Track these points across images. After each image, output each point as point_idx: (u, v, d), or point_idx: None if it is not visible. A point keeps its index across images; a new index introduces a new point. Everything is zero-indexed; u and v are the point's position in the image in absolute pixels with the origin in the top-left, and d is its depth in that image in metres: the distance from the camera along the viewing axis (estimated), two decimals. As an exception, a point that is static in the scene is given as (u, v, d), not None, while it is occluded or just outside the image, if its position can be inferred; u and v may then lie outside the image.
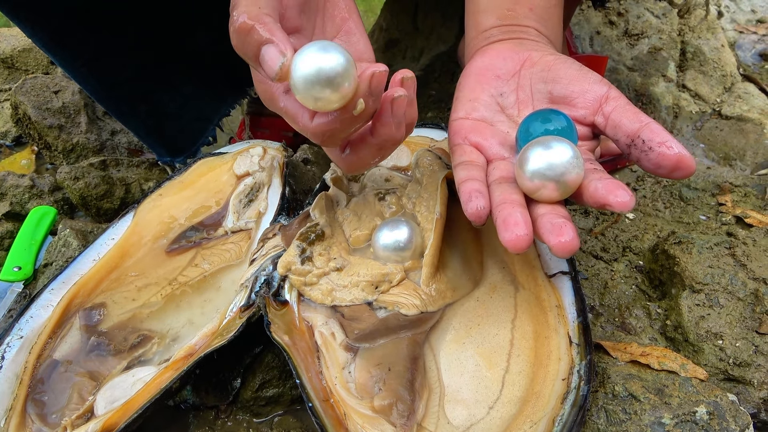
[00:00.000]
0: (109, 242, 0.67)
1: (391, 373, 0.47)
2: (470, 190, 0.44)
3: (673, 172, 0.40)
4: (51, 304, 0.60)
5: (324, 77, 0.38)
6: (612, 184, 0.40)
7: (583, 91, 0.46)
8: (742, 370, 0.50)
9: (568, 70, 0.47)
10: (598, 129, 0.46)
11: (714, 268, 0.56)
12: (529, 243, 0.40)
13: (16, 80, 1.13)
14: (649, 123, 0.42)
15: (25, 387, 0.53)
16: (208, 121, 0.89)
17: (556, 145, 0.41)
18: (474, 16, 0.55)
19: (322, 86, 0.39)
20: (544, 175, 0.41)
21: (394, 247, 0.53)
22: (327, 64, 0.38)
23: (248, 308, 0.52)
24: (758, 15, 1.24)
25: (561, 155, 0.41)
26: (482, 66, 0.51)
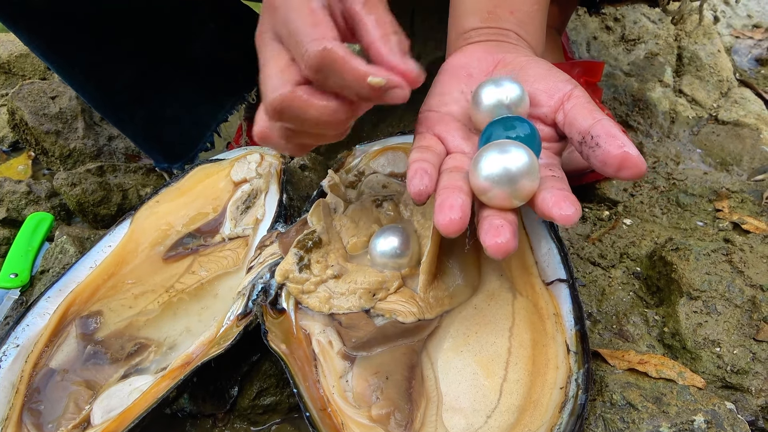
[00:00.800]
0: (106, 249, 0.66)
1: (389, 381, 0.46)
2: (417, 168, 0.44)
3: (619, 171, 0.38)
4: (47, 312, 0.59)
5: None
6: (560, 195, 0.39)
7: (547, 89, 0.45)
8: (739, 377, 0.50)
9: (537, 69, 0.47)
10: (559, 128, 0.45)
11: (711, 275, 0.56)
12: (462, 228, 0.39)
13: (13, 85, 1.12)
14: (601, 119, 0.41)
15: (21, 396, 0.53)
16: (206, 127, 0.89)
17: (513, 150, 0.40)
18: (456, 18, 0.55)
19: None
20: (495, 180, 0.40)
21: (391, 254, 0.53)
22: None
23: (245, 316, 0.52)
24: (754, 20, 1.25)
25: (516, 161, 0.40)
26: (457, 64, 0.52)
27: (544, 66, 0.47)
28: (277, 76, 0.42)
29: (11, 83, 1.15)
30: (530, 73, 0.47)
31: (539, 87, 0.46)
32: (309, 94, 0.42)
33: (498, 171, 0.40)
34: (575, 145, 0.42)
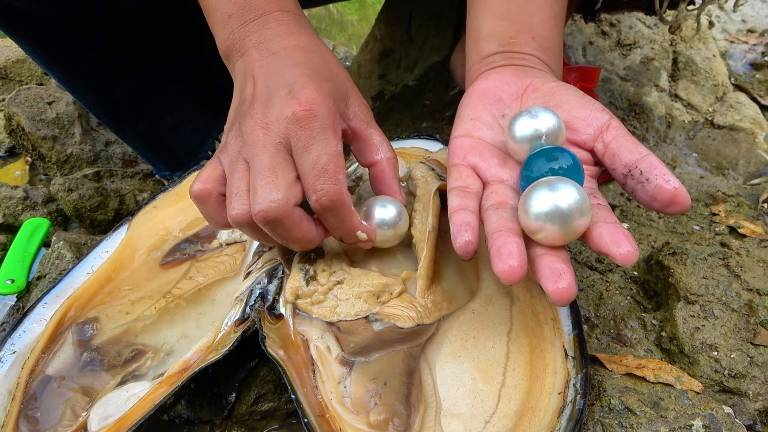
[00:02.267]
0: (103, 255, 0.66)
1: (387, 387, 0.46)
2: (461, 222, 0.44)
3: (668, 207, 0.40)
4: (44, 318, 0.59)
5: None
6: (617, 233, 0.39)
7: (586, 117, 0.46)
8: (737, 381, 0.50)
9: (571, 96, 0.47)
10: (596, 156, 0.46)
11: (708, 279, 0.57)
12: (523, 275, 0.39)
13: (9, 91, 1.12)
14: (648, 155, 0.41)
15: (17, 403, 0.53)
16: (207, 135, 0.89)
17: (562, 188, 0.39)
18: (475, 43, 0.55)
19: None
20: (548, 218, 0.39)
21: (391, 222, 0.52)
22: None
23: (243, 322, 0.52)
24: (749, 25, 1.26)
25: (567, 198, 0.39)
26: (485, 88, 0.52)
27: (576, 93, 0.48)
28: (283, 189, 0.45)
29: (8, 88, 1.15)
30: (564, 101, 0.47)
31: (576, 115, 0.46)
32: (302, 217, 0.47)
33: (549, 209, 0.39)
34: (618, 177, 0.43)
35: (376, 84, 1.11)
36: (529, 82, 0.50)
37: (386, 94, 1.08)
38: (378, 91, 1.09)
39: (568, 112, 0.46)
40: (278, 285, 0.55)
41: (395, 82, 1.09)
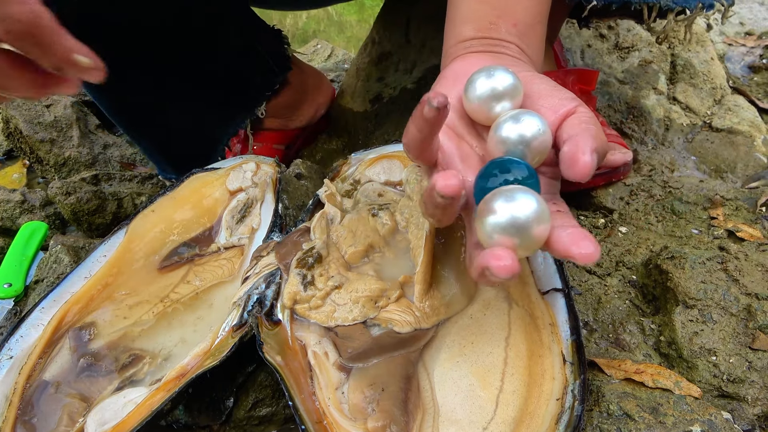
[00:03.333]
0: (101, 259, 0.66)
1: (385, 393, 0.46)
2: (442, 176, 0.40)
3: (569, 169, 0.38)
4: (41, 323, 0.59)
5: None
6: (576, 234, 0.37)
7: (552, 105, 0.44)
8: (736, 386, 0.50)
9: (542, 85, 0.46)
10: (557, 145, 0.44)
11: (707, 284, 0.56)
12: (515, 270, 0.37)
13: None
14: (588, 128, 0.40)
15: (14, 409, 0.52)
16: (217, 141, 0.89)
17: (520, 197, 0.38)
18: (454, 25, 0.54)
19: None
20: (506, 230, 0.37)
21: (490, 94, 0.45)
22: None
23: (241, 327, 0.52)
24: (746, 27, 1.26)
25: (525, 208, 0.37)
26: (458, 70, 0.50)
27: (548, 83, 0.46)
28: None
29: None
30: (534, 90, 0.45)
31: (544, 104, 0.44)
32: None
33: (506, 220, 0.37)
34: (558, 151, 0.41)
35: (375, 87, 1.11)
36: None
37: (384, 96, 1.08)
38: (376, 94, 1.09)
39: (536, 102, 0.45)
40: (276, 290, 0.55)
41: (393, 85, 1.09)
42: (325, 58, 1.46)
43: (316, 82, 1.03)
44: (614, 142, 0.83)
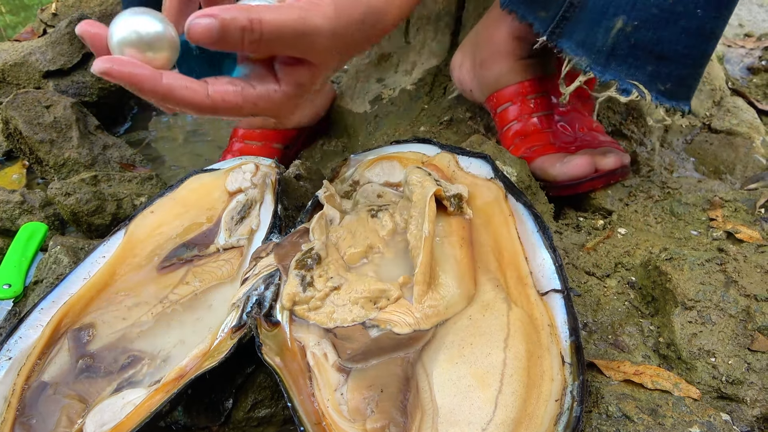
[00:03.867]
0: (100, 260, 0.66)
1: (384, 394, 0.46)
2: None
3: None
4: (40, 324, 0.59)
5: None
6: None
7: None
8: (734, 387, 0.50)
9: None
10: None
11: (706, 285, 0.57)
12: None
13: (7, 94, 1.12)
14: None
15: (13, 410, 0.52)
16: None
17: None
18: None
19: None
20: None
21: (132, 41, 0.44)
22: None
23: (239, 329, 0.52)
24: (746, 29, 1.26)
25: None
26: None
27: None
28: None
29: (5, 92, 1.14)
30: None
31: None
32: None
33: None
34: None
35: (374, 88, 1.11)
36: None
37: (384, 98, 1.08)
38: (376, 95, 1.09)
39: None
40: (275, 291, 0.55)
41: (393, 87, 1.09)
42: (325, 60, 1.46)
43: None
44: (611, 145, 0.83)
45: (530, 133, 0.84)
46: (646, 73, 0.69)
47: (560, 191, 0.79)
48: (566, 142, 0.83)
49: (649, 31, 0.67)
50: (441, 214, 0.61)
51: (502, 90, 0.85)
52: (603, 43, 0.69)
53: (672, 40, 0.67)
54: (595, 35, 0.70)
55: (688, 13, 0.65)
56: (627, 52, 0.68)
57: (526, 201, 0.59)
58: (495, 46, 0.85)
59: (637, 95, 0.69)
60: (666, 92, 0.70)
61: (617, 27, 0.67)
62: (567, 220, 0.79)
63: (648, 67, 0.69)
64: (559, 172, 0.78)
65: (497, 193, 0.61)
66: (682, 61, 0.68)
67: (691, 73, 0.70)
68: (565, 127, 0.86)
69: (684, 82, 0.70)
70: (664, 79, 0.69)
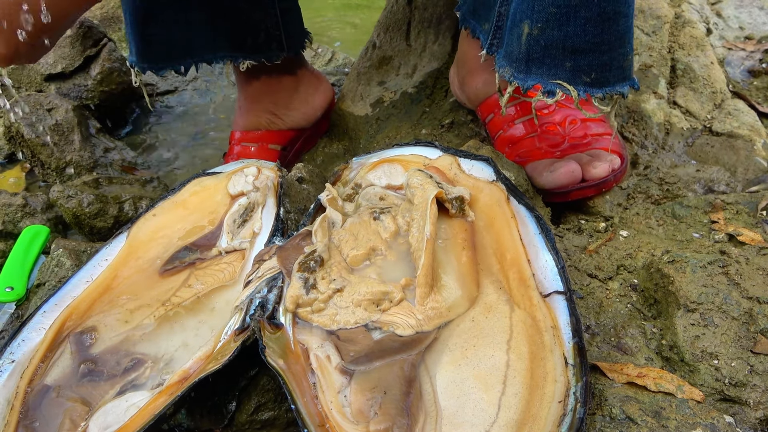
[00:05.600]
0: (102, 263, 0.66)
1: (387, 396, 0.46)
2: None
3: None
4: (43, 327, 0.59)
5: None
6: None
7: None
8: (737, 390, 0.50)
9: None
10: None
11: (708, 287, 0.57)
12: None
13: (9, 98, 1.12)
14: None
15: (16, 413, 0.52)
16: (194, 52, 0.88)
17: None
18: None
19: None
20: None
21: None
22: None
23: (243, 332, 0.52)
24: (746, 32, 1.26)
25: None
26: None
27: None
28: None
29: (7, 95, 1.15)
30: None
31: None
32: None
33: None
34: None
35: (375, 91, 1.11)
36: None
37: (385, 101, 1.08)
38: (377, 98, 1.10)
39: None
40: (278, 294, 0.55)
41: (394, 89, 1.09)
42: (326, 62, 1.46)
43: (313, 82, 1.03)
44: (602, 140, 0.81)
45: (517, 139, 0.84)
46: (566, 70, 0.68)
47: (552, 198, 0.79)
48: (553, 144, 0.82)
49: (554, 29, 0.66)
50: (443, 217, 0.61)
51: (485, 101, 0.87)
52: (518, 50, 0.69)
53: (578, 32, 0.66)
54: (512, 44, 0.69)
55: (585, 3, 0.64)
56: (541, 54, 0.68)
57: (527, 203, 0.59)
58: (470, 62, 0.86)
59: (562, 94, 0.68)
60: (594, 82, 0.68)
61: (525, 32, 0.67)
62: (568, 223, 0.79)
63: (566, 63, 0.67)
64: (546, 181, 0.77)
65: (499, 195, 0.61)
66: (597, 49, 0.67)
67: (614, 57, 0.68)
68: (552, 125, 0.84)
69: (609, 67, 0.68)
70: (587, 71, 0.68)
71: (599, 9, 0.65)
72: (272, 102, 0.97)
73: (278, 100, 0.98)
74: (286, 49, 0.90)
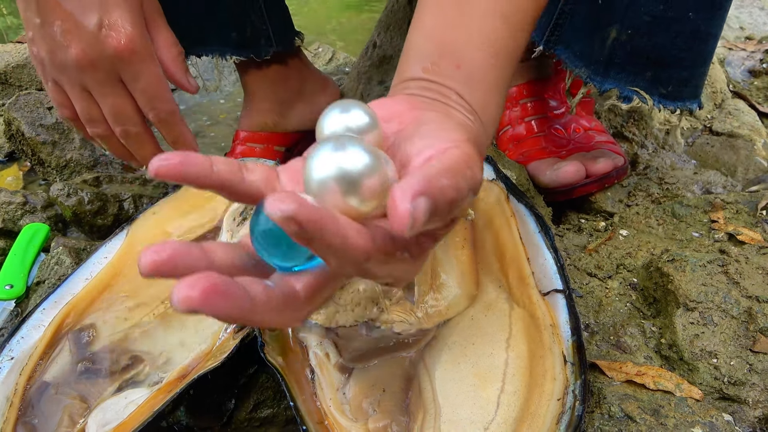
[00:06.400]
0: (102, 261, 0.66)
1: (386, 394, 0.46)
2: None
3: (389, 219, 0.27)
4: (42, 324, 0.59)
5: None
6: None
7: (425, 146, 0.33)
8: (736, 389, 0.50)
9: (433, 127, 0.36)
10: None
11: (707, 286, 0.57)
12: None
13: (9, 96, 1.12)
14: (422, 167, 0.31)
15: (15, 410, 0.52)
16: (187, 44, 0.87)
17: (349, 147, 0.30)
18: (402, 62, 0.46)
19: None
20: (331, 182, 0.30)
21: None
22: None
23: (242, 329, 0.52)
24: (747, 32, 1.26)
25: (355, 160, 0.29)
26: None
27: (449, 126, 0.36)
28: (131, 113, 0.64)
29: (8, 94, 1.15)
30: (422, 132, 0.35)
31: (417, 145, 0.34)
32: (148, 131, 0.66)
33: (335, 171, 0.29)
34: None
35: (376, 90, 1.11)
36: (416, 115, 0.38)
37: (386, 100, 1.08)
38: (377, 97, 1.10)
39: (412, 143, 0.34)
40: (277, 291, 0.55)
41: (395, 89, 1.09)
42: (326, 62, 1.46)
43: (318, 84, 1.03)
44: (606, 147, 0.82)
45: (523, 137, 0.84)
46: (646, 79, 0.69)
47: (555, 197, 0.79)
48: (558, 145, 0.83)
49: (643, 38, 0.67)
50: (443, 215, 0.61)
51: None
52: (600, 53, 0.69)
53: (667, 45, 0.67)
54: (591, 46, 0.70)
55: (680, 17, 0.65)
56: (625, 60, 0.69)
57: (527, 202, 0.59)
58: None
59: (638, 101, 0.69)
60: (669, 95, 0.70)
61: (612, 37, 0.68)
62: (568, 222, 0.79)
63: (647, 73, 0.69)
64: (549, 180, 0.77)
65: (499, 194, 0.61)
66: (681, 64, 0.68)
67: (693, 74, 0.70)
68: (559, 130, 0.85)
69: (687, 83, 0.70)
70: (665, 83, 0.70)
71: (693, 26, 0.66)
72: (279, 102, 0.97)
73: (284, 101, 0.98)
74: (275, 44, 0.90)
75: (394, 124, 0.38)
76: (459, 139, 0.34)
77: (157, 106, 0.60)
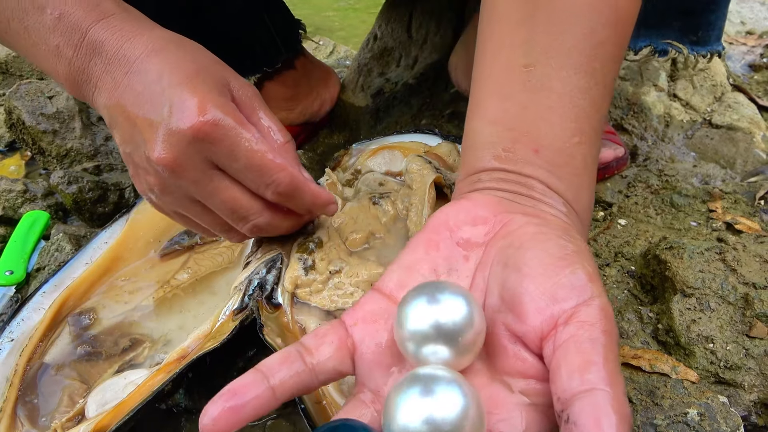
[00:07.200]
0: (102, 246, 0.66)
1: (384, 375, 0.47)
2: None
3: None
4: (42, 307, 0.59)
5: None
6: None
7: (542, 295, 0.29)
8: (732, 373, 0.51)
9: (540, 254, 0.31)
10: (546, 363, 0.29)
11: (705, 273, 0.57)
12: None
13: (10, 85, 1.13)
14: (592, 390, 0.25)
15: (15, 390, 0.53)
16: None
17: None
18: (468, 150, 0.41)
19: None
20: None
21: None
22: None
23: (241, 311, 0.52)
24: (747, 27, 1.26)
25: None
26: (443, 222, 0.36)
27: (551, 250, 0.31)
28: (246, 208, 0.47)
29: (8, 83, 1.15)
30: (527, 261, 0.31)
31: (532, 288, 0.30)
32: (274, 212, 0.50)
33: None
34: (555, 408, 0.27)
35: (376, 82, 1.11)
36: (505, 221, 0.34)
37: (386, 92, 1.09)
38: (378, 89, 1.10)
39: (520, 283, 0.30)
40: (276, 275, 0.55)
41: (395, 81, 1.09)
42: (327, 55, 1.46)
43: (323, 76, 1.03)
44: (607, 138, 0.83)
45: None
46: (675, 30, 0.69)
47: None
48: None
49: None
50: (442, 202, 0.61)
51: None
52: None
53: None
54: None
55: None
56: (657, 20, 0.69)
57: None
58: None
59: (675, 52, 0.70)
60: (699, 40, 0.70)
61: None
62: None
63: (675, 24, 0.69)
64: None
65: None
66: (708, 8, 0.68)
67: (719, 16, 0.70)
68: None
69: (713, 26, 0.70)
70: (695, 29, 0.69)
71: None
72: (283, 99, 0.97)
73: (291, 97, 0.98)
74: (284, 51, 0.91)
75: (480, 229, 0.35)
76: (581, 283, 0.29)
77: (272, 180, 0.45)
